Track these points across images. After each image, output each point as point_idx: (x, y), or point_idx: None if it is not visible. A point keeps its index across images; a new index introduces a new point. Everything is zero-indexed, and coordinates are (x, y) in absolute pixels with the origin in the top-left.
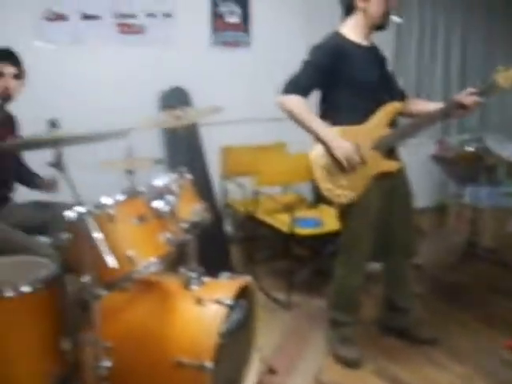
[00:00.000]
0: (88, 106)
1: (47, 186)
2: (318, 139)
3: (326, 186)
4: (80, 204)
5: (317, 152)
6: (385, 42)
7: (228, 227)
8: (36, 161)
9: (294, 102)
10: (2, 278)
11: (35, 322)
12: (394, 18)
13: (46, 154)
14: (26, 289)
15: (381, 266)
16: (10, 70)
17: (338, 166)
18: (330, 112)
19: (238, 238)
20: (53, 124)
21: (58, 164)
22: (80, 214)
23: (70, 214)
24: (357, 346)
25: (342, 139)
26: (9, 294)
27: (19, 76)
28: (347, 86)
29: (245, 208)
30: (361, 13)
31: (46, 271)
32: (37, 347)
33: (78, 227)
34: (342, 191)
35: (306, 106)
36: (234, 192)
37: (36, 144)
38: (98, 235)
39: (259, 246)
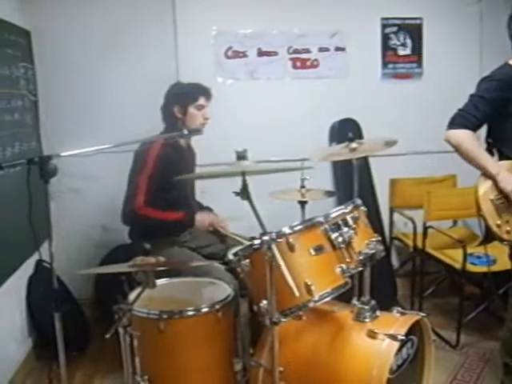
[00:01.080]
0: (263, 137)
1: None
2: (486, 174)
3: (495, 222)
4: (264, 232)
5: (484, 187)
6: None
7: (394, 260)
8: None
9: (462, 136)
10: (184, 297)
11: (211, 341)
12: None
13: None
14: (205, 309)
15: None
16: (207, 103)
17: (506, 202)
18: (498, 145)
19: (404, 271)
20: (241, 155)
21: (244, 193)
22: (265, 241)
23: (255, 241)
24: None
25: (510, 173)
26: (191, 312)
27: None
28: None
29: (413, 241)
30: None
31: (223, 294)
32: (211, 365)
33: (261, 254)
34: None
35: (474, 140)
36: (401, 225)
37: (225, 174)
38: (281, 262)
39: (426, 282)
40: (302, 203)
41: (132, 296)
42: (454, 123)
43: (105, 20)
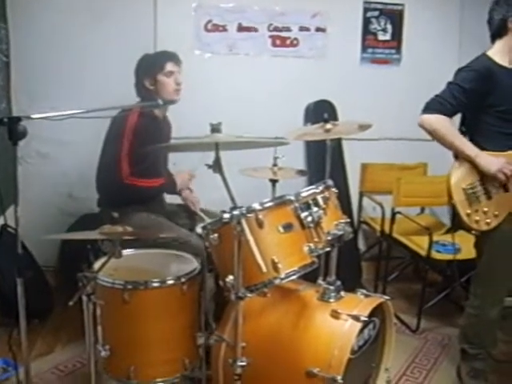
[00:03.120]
0: (238, 113)
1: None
2: (464, 157)
3: (465, 211)
4: (235, 206)
5: (457, 175)
6: None
7: (361, 244)
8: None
9: (437, 120)
10: (150, 268)
11: (175, 313)
12: None
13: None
14: (170, 281)
15: None
16: (176, 68)
17: (484, 189)
18: (472, 135)
19: (370, 255)
20: (215, 128)
21: (216, 166)
22: (235, 216)
23: (224, 215)
24: (487, 382)
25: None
26: (156, 284)
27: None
28: (493, 110)
29: (380, 226)
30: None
31: (190, 267)
32: (173, 338)
33: (231, 228)
34: (483, 217)
35: (450, 125)
36: (369, 209)
37: (198, 146)
38: (250, 238)
39: (391, 266)
40: (273, 182)
41: (97, 265)
42: (430, 108)
43: None
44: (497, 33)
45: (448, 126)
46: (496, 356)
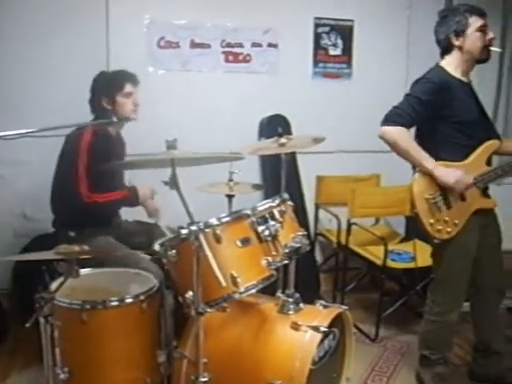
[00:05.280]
0: (193, 129)
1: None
2: (422, 169)
3: (428, 221)
4: (192, 222)
5: (419, 185)
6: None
7: (318, 256)
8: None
9: (398, 133)
10: (108, 287)
11: (135, 332)
12: (494, 49)
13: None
14: (129, 300)
15: (469, 305)
16: (134, 89)
17: (444, 199)
18: (428, 146)
19: (327, 267)
20: (170, 145)
21: (172, 182)
22: (192, 232)
23: (182, 231)
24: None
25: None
26: (114, 303)
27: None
28: (449, 121)
29: (337, 237)
30: (458, 50)
31: (148, 285)
32: (134, 356)
33: (189, 244)
34: (444, 226)
35: (409, 137)
36: (325, 221)
37: (155, 163)
38: (208, 253)
39: (348, 277)
40: (230, 197)
41: (54, 285)
42: (390, 120)
43: (38, 1)
44: (445, 50)
45: (408, 138)
46: (452, 360)
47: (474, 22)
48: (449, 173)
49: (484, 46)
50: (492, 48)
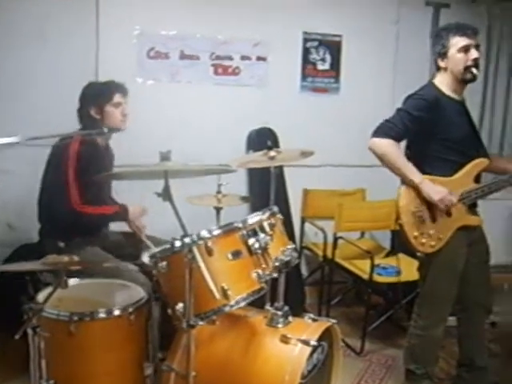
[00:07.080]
0: (181, 140)
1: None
2: (409, 183)
3: (412, 234)
4: (186, 234)
5: (405, 198)
6: None
7: (303, 269)
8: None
9: (387, 145)
10: (96, 299)
11: (122, 344)
12: (475, 71)
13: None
14: (117, 312)
15: (455, 320)
16: (123, 99)
17: (429, 213)
18: (418, 161)
19: (313, 280)
20: (164, 156)
21: (166, 194)
22: (186, 244)
23: (175, 243)
24: None
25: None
26: (102, 315)
27: None
28: (438, 138)
29: (323, 251)
30: (444, 72)
31: (136, 296)
32: (121, 369)
33: (181, 256)
34: (428, 240)
35: (399, 150)
36: (311, 234)
37: (147, 174)
38: (201, 265)
39: (333, 291)
40: (218, 209)
41: (41, 296)
42: (380, 132)
43: (28, 9)
44: (437, 69)
45: (396, 151)
46: (437, 374)
47: (457, 43)
48: (434, 189)
49: (466, 67)
50: (473, 70)
